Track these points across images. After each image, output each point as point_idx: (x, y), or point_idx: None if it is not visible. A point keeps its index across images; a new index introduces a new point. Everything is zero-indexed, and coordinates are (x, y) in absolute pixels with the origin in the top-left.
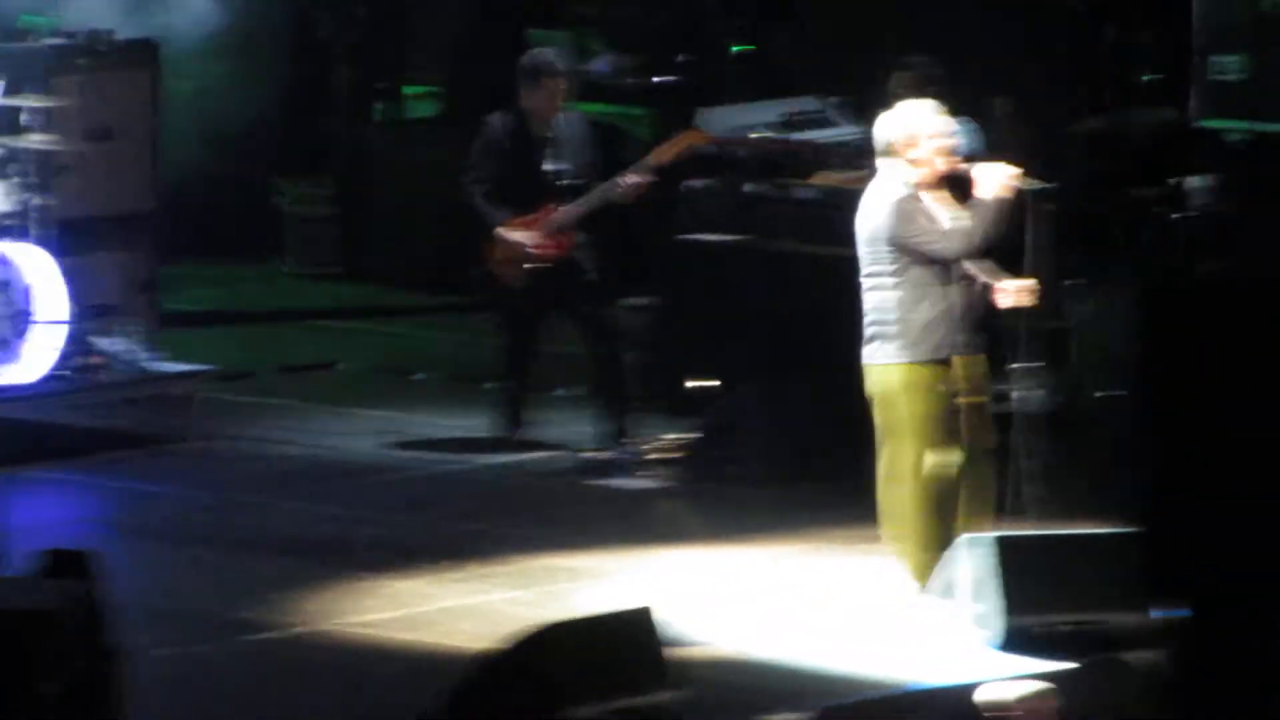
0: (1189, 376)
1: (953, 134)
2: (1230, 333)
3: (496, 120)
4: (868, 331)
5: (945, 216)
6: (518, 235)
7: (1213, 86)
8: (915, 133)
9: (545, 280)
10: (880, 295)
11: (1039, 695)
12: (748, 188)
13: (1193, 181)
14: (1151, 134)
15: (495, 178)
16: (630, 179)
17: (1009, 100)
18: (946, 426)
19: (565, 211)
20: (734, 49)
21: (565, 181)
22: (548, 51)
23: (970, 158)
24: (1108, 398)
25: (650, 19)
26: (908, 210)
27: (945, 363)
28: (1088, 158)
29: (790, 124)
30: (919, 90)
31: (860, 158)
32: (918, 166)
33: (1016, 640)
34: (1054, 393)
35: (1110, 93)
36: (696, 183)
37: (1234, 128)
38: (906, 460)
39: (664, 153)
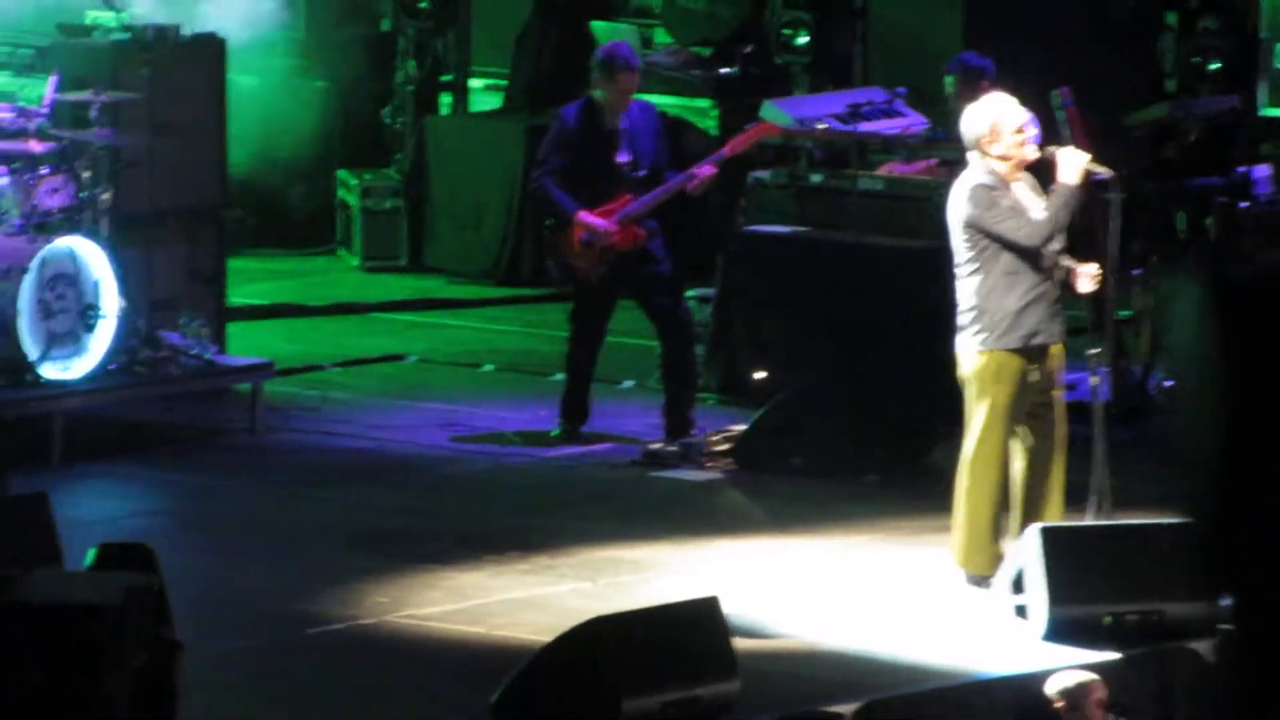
0: (1252, 367)
1: (1032, 125)
2: None
3: (569, 112)
4: (960, 319)
5: (1034, 205)
6: (594, 226)
7: (1279, 75)
8: (998, 126)
9: (620, 271)
10: (970, 283)
11: (1087, 685)
12: (813, 179)
13: (1258, 170)
14: (1217, 122)
15: (568, 169)
16: (704, 171)
17: (1070, 89)
18: (1034, 416)
19: (640, 202)
20: (796, 40)
21: (638, 173)
22: (623, 45)
23: (1040, 147)
24: (1171, 387)
25: (712, 10)
26: (988, 198)
27: (1038, 350)
28: (1151, 146)
29: (855, 115)
30: (970, 87)
31: (925, 148)
32: (1002, 159)
33: (1064, 630)
34: (1120, 382)
35: (1175, 80)
36: (762, 174)
37: None
38: (988, 447)
39: (737, 144)
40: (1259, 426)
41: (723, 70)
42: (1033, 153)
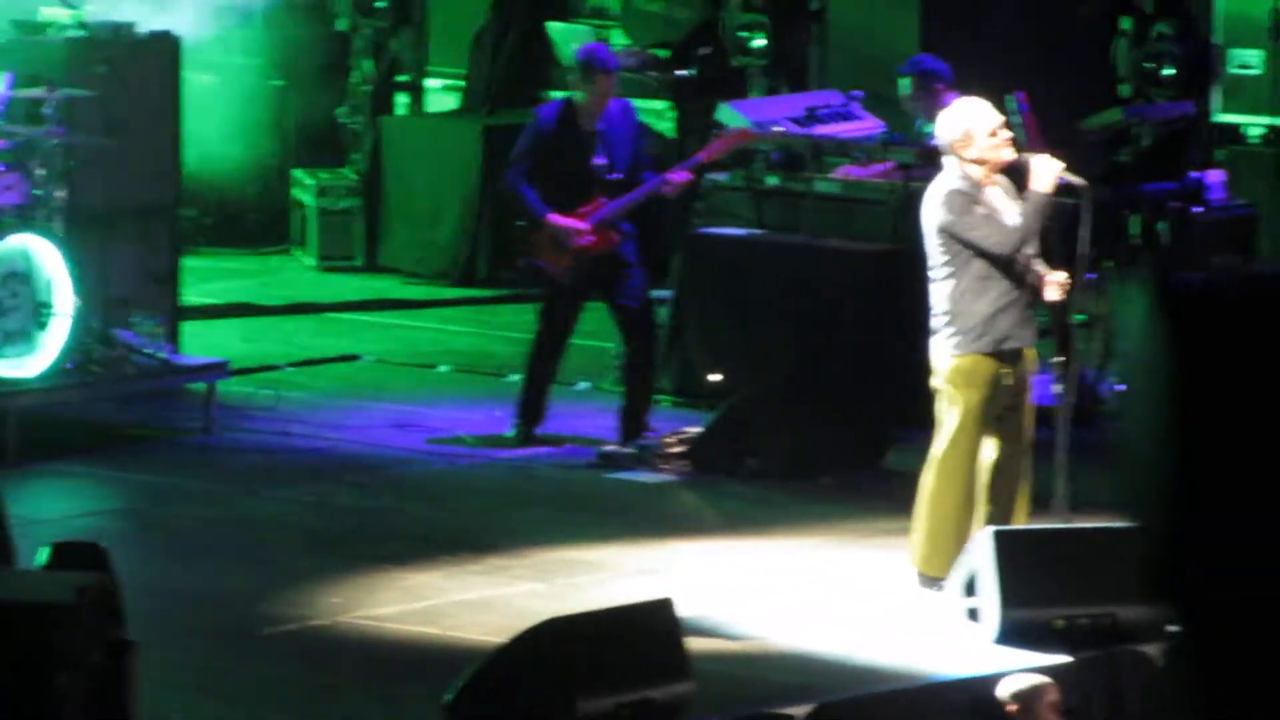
0: (1202, 371)
1: (1006, 126)
2: (1246, 327)
3: (545, 112)
4: (934, 323)
5: (1008, 210)
6: (567, 227)
7: (1233, 80)
8: (970, 130)
9: (590, 272)
10: (944, 287)
11: (1039, 688)
12: (769, 181)
13: (1212, 175)
14: (1171, 127)
15: (543, 170)
16: (679, 176)
17: (1026, 94)
18: (1002, 419)
19: (613, 205)
20: (753, 42)
21: (612, 175)
22: (600, 47)
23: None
24: (1122, 391)
25: (669, 12)
26: (961, 203)
27: (1010, 355)
28: (1106, 151)
29: (812, 118)
30: (926, 90)
31: (882, 152)
32: (977, 163)
33: (1016, 633)
34: (1077, 386)
35: (1130, 85)
36: (719, 176)
37: (1254, 122)
38: (957, 450)
39: (714, 150)
40: (1208, 431)
41: (680, 72)
42: (1009, 154)
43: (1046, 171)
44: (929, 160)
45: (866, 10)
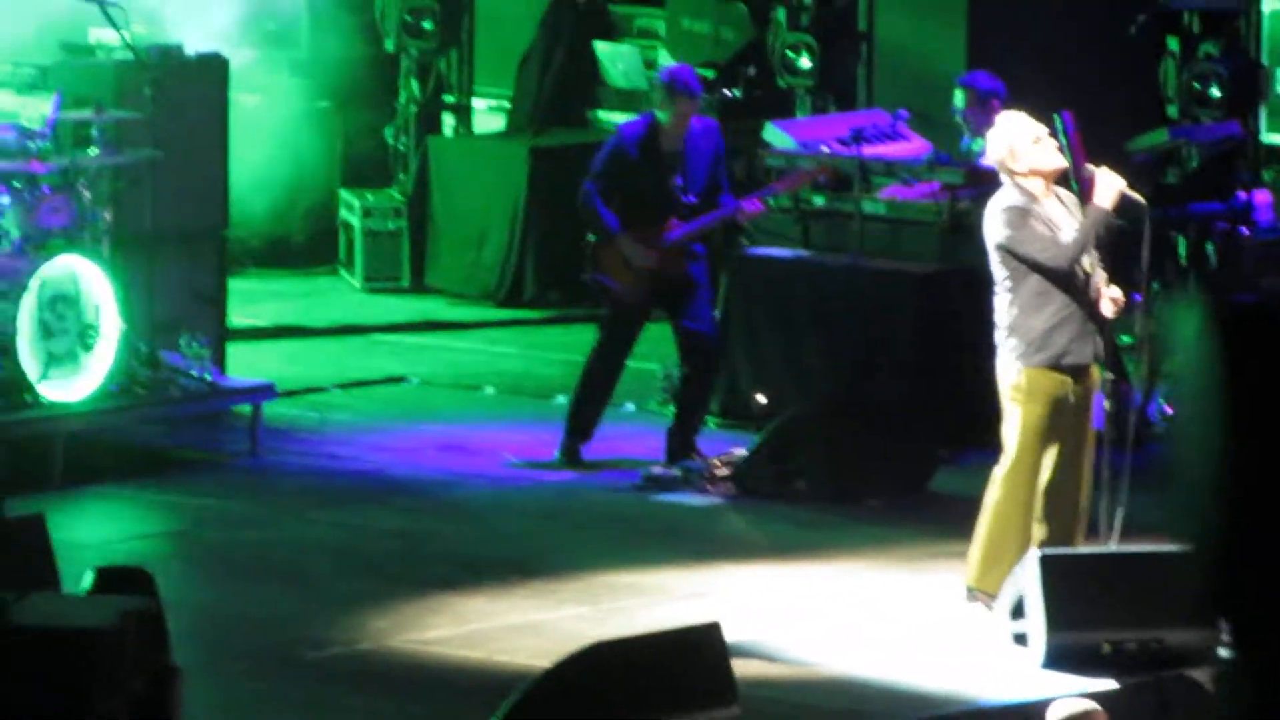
0: (1252, 393)
1: (1051, 137)
2: None
3: (628, 130)
4: (997, 337)
5: (1066, 225)
6: (636, 247)
7: None
8: (1013, 144)
9: (657, 293)
10: (1004, 301)
11: (1087, 714)
12: (816, 202)
13: (1259, 196)
14: (1218, 148)
15: (619, 187)
16: (752, 206)
17: (1072, 114)
18: (1063, 440)
19: (685, 228)
20: (800, 62)
21: (687, 197)
22: (685, 70)
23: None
24: (1175, 414)
25: (716, 32)
26: (1017, 218)
27: (1071, 370)
28: (1153, 172)
29: (858, 138)
30: (980, 106)
31: (928, 172)
32: (1030, 175)
33: (1063, 658)
34: (1126, 409)
35: (1176, 106)
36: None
37: None
38: (1020, 465)
39: (793, 183)
40: (1259, 453)
41: (726, 92)
42: (1058, 159)
43: (1110, 187)
44: (975, 181)
45: (913, 30)
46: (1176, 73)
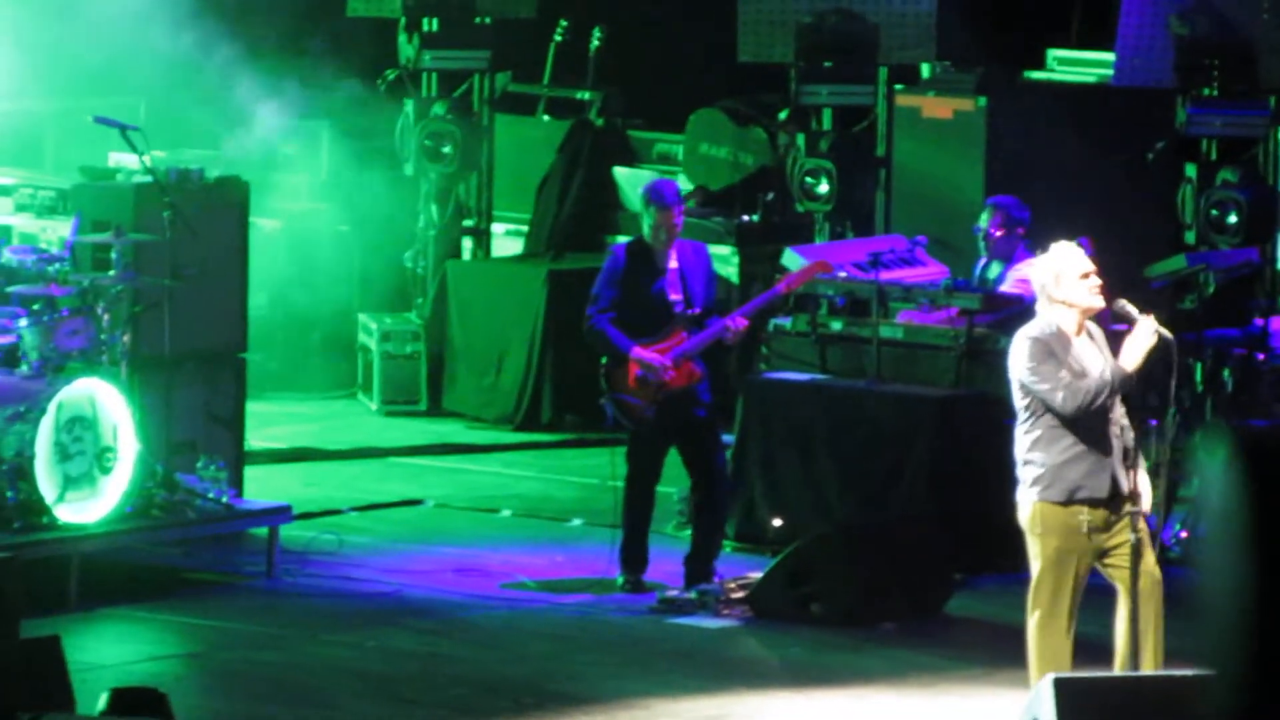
0: (1272, 521)
1: (1095, 273)
2: None
3: (620, 249)
4: (1017, 469)
5: (1093, 364)
6: (651, 362)
7: None
8: (1060, 271)
9: (671, 409)
10: (1020, 432)
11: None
12: (833, 326)
13: (1276, 323)
14: (1235, 274)
15: (621, 304)
16: (738, 323)
17: (1090, 240)
18: (1116, 568)
19: (692, 341)
20: (819, 188)
21: (690, 311)
22: (662, 182)
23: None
24: (1190, 539)
25: (735, 157)
26: (1039, 353)
27: (1089, 504)
28: (1170, 297)
29: (876, 263)
30: (1006, 231)
31: (946, 297)
32: (1067, 305)
33: None
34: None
35: (1194, 232)
36: (782, 320)
37: None
38: (1040, 595)
39: (793, 280)
40: (1269, 582)
41: (744, 217)
42: (1097, 300)
43: (1142, 341)
44: (992, 307)
45: (931, 157)
46: (1194, 199)
